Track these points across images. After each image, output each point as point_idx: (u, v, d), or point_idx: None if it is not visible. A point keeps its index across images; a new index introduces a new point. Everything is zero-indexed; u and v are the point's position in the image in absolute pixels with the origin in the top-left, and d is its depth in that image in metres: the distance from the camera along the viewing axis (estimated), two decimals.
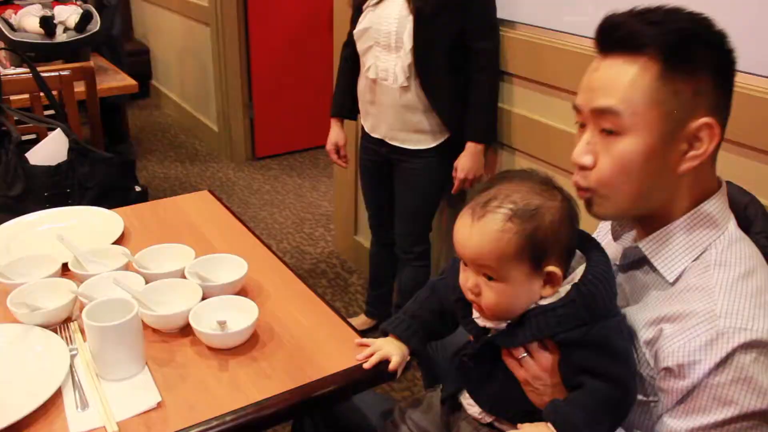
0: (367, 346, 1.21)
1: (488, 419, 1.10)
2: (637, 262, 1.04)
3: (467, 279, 1.00)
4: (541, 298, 0.99)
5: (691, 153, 0.93)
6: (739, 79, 1.49)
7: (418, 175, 2.21)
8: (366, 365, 1.16)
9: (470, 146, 2.13)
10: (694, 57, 0.90)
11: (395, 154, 2.23)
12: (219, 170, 4.30)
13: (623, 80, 0.91)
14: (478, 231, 0.96)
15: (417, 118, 2.12)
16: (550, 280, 0.97)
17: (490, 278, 0.97)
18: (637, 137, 0.92)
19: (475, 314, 1.05)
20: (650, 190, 0.95)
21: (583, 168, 0.98)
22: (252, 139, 4.45)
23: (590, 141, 0.97)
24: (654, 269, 1.00)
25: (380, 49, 2.06)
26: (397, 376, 1.18)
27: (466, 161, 2.14)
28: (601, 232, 1.18)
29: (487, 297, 0.98)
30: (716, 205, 0.98)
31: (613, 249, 1.09)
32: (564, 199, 0.98)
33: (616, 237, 1.11)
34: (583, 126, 0.99)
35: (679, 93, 0.90)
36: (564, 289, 0.98)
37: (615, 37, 0.93)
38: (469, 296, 1.01)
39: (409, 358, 1.20)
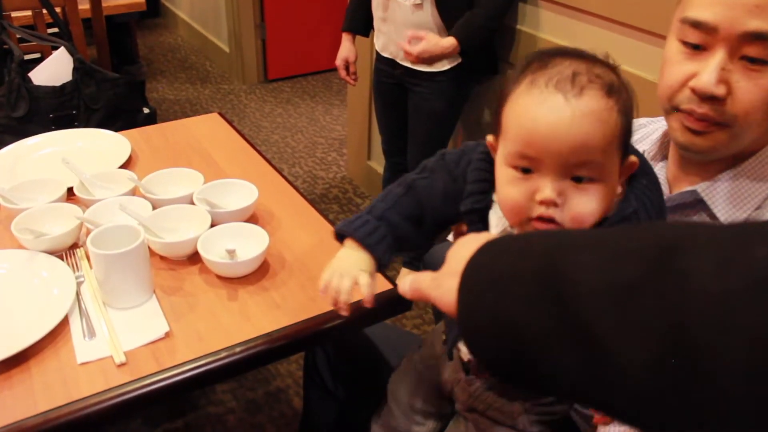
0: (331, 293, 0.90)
1: None
2: (689, 204, 0.95)
3: (542, 188, 0.76)
4: None
5: None
6: None
7: (430, 100, 2.14)
8: (344, 313, 0.88)
9: (450, 38, 1.98)
10: None
11: (408, 77, 2.16)
12: (230, 92, 4.22)
13: None
14: (582, 112, 0.73)
15: None
16: (622, 176, 0.80)
17: (579, 180, 0.75)
18: None
19: (494, 231, 0.86)
20: None
21: (711, 98, 0.84)
22: (264, 60, 4.34)
23: (725, 67, 0.83)
24: (711, 215, 0.92)
25: None
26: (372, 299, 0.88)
27: (434, 44, 1.97)
28: None
29: (581, 205, 0.76)
30: None
31: None
32: None
33: None
34: (698, 48, 0.85)
35: None
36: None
37: None
38: (539, 212, 0.76)
39: (376, 272, 0.91)
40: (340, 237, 0.93)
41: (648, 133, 1.10)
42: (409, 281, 0.72)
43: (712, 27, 0.83)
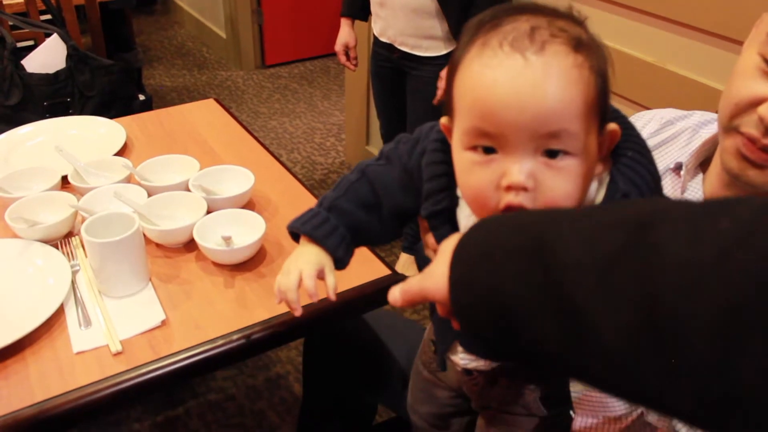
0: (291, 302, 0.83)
1: (495, 364, 0.85)
2: None
3: (508, 170, 0.63)
4: None
5: None
6: None
7: (428, 84, 2.12)
8: (296, 313, 0.83)
9: None
10: None
11: (406, 61, 2.14)
12: (228, 78, 4.19)
13: None
14: (546, 71, 0.61)
15: (427, 23, 2.01)
16: (602, 150, 0.68)
17: (553, 154, 0.63)
18: None
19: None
20: None
21: None
22: (261, 46, 4.31)
23: None
24: None
25: None
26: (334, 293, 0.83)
27: None
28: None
29: (556, 188, 0.63)
30: None
31: None
32: None
33: (684, 188, 0.89)
34: None
35: None
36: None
37: None
38: (507, 200, 0.64)
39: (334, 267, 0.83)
40: (295, 236, 0.85)
41: (676, 133, 0.98)
42: (398, 289, 0.69)
43: None
